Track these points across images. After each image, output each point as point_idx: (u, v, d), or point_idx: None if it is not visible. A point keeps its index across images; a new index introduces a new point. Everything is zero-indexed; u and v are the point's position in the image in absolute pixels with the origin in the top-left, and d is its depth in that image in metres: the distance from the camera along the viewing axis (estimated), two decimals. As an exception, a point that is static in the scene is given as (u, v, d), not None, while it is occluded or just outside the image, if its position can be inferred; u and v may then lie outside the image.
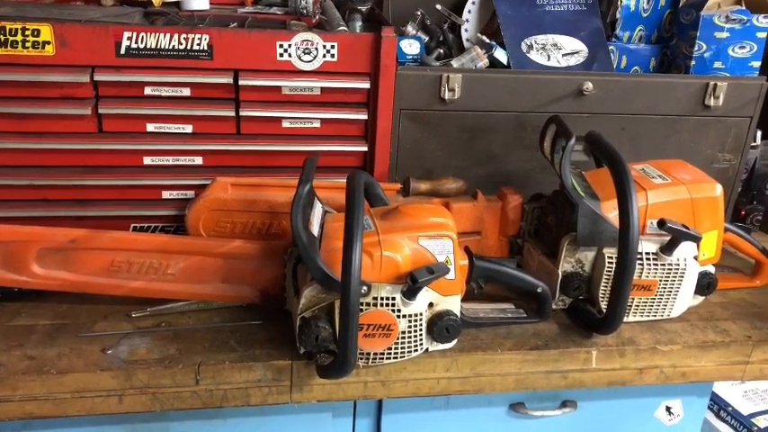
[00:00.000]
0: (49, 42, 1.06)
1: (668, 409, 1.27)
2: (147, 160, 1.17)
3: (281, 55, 1.13)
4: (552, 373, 1.09)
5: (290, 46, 1.12)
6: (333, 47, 1.13)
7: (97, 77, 1.10)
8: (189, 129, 1.17)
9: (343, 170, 1.23)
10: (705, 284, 1.15)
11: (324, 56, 1.14)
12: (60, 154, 1.14)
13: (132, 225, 1.21)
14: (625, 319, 1.13)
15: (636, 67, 1.49)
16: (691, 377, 1.13)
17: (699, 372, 1.13)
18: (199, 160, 1.19)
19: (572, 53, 1.43)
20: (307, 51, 1.13)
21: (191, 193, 1.20)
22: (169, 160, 1.18)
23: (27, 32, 1.05)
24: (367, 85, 1.17)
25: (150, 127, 1.15)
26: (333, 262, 0.94)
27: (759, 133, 1.59)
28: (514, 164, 1.41)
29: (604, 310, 1.10)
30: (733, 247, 1.23)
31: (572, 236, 1.10)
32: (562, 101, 1.36)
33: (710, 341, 1.12)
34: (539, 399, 1.20)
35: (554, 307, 1.15)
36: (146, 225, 1.21)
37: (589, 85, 1.34)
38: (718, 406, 1.44)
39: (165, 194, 1.20)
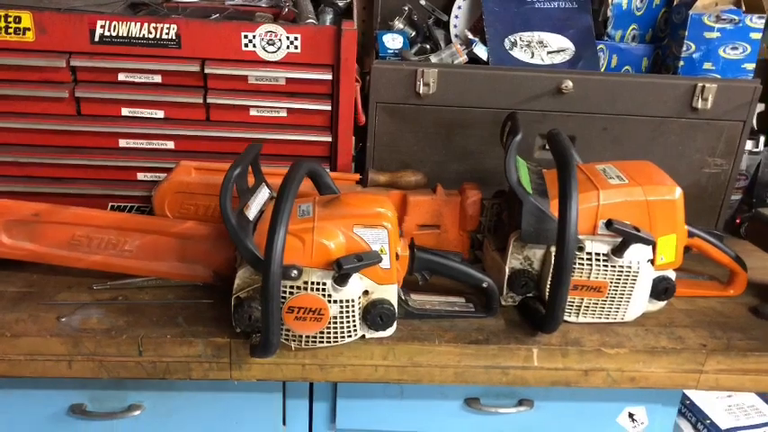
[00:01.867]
0: (29, 29, 1.14)
1: (631, 415, 1.24)
2: (122, 143, 1.24)
3: (246, 45, 1.17)
4: (492, 368, 1.09)
5: (254, 37, 1.16)
6: (296, 38, 1.17)
7: (74, 63, 1.17)
8: (161, 114, 1.22)
9: (309, 160, 1.26)
10: (662, 289, 1.12)
11: (287, 47, 1.17)
12: (41, 134, 1.22)
13: (110, 204, 1.28)
14: (575, 320, 1.13)
15: (627, 67, 1.46)
16: (640, 382, 1.10)
17: (649, 378, 1.10)
18: (171, 144, 1.24)
19: (558, 51, 1.41)
20: (271, 42, 1.16)
21: (163, 176, 1.25)
22: (143, 143, 1.24)
23: (9, 19, 1.13)
24: (329, 77, 1.20)
25: (125, 111, 1.22)
26: (264, 244, 0.97)
27: (762, 139, 1.52)
28: (492, 161, 1.40)
29: (553, 310, 1.10)
30: (702, 253, 1.19)
31: (519, 232, 1.09)
32: (540, 99, 1.35)
33: (661, 347, 1.09)
34: (494, 395, 1.20)
35: (504, 303, 1.14)
36: (123, 204, 1.28)
37: (568, 84, 1.32)
38: (696, 418, 1.40)
39: (140, 176, 1.26)
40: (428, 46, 1.45)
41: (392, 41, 1.40)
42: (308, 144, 1.26)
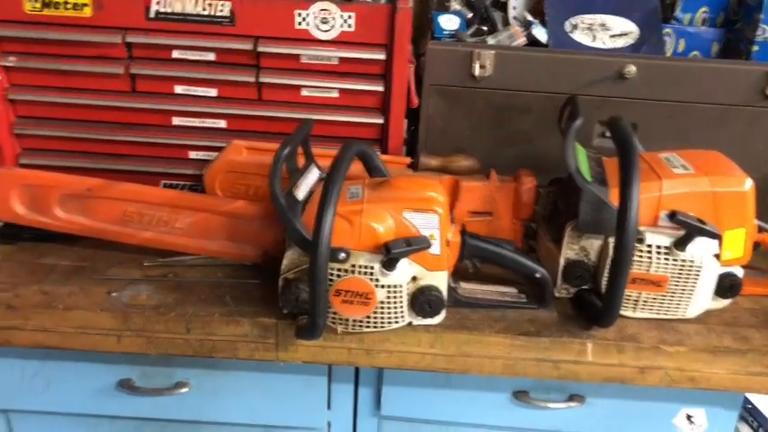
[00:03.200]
0: (86, 4, 1.14)
1: (689, 417, 1.18)
2: (175, 120, 1.24)
3: (300, 23, 1.15)
4: (543, 361, 1.05)
5: (308, 15, 1.14)
6: (350, 17, 1.14)
7: (129, 39, 1.17)
8: (214, 92, 1.22)
9: (359, 142, 1.24)
10: (727, 286, 1.06)
11: (341, 26, 1.15)
12: (97, 110, 1.23)
13: (162, 182, 1.28)
14: (632, 315, 1.08)
15: (695, 52, 1.39)
16: (700, 383, 1.05)
17: (710, 378, 1.05)
18: (222, 123, 1.24)
19: (621, 35, 1.35)
20: (324, 21, 1.14)
21: (215, 154, 1.25)
22: (195, 122, 1.24)
23: (68, -5, 1.14)
24: (383, 57, 1.17)
25: (178, 89, 1.22)
26: (312, 225, 0.95)
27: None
28: (547, 146, 1.35)
29: (609, 303, 1.05)
30: (771, 249, 1.13)
31: (576, 222, 1.05)
32: (601, 84, 1.29)
33: (724, 347, 1.04)
34: (544, 389, 1.16)
35: (557, 295, 1.10)
36: (175, 183, 1.28)
37: (631, 69, 1.26)
38: (758, 423, 1.33)
39: (192, 154, 1.26)
40: (485, 27, 1.41)
41: (448, 22, 1.36)
42: (359, 126, 1.24)
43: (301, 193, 1.00)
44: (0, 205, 1.11)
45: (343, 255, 0.95)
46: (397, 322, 1.01)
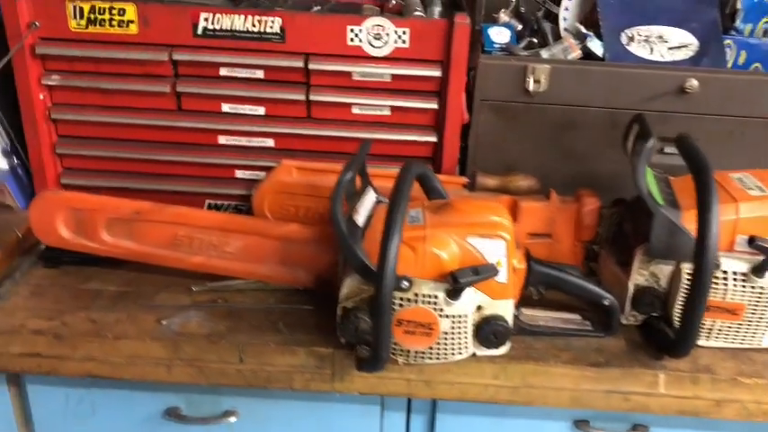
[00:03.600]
0: (132, 21, 1.11)
1: (761, 450, 1.13)
2: (221, 139, 1.20)
3: (352, 40, 1.11)
4: (613, 393, 1.00)
5: (360, 31, 1.10)
6: (404, 32, 1.10)
7: (176, 57, 1.14)
8: (261, 111, 1.18)
9: (416, 162, 1.20)
10: (806, 314, 1.01)
11: (395, 41, 1.11)
12: (141, 129, 1.20)
13: (207, 202, 1.25)
14: (704, 344, 1.03)
15: (756, 64, 1.33)
16: (779, 417, 1.00)
17: (789, 412, 0.99)
18: (270, 142, 1.20)
19: (679, 47, 1.30)
20: (377, 37, 1.10)
21: (262, 174, 1.22)
22: (242, 141, 1.20)
23: (114, 11, 1.10)
24: (438, 74, 1.13)
25: (225, 107, 1.18)
26: (374, 253, 0.91)
27: None
28: (603, 164, 1.31)
29: (680, 331, 1.00)
30: None
31: (646, 247, 1.00)
32: (661, 98, 1.24)
33: (805, 379, 0.98)
34: (605, 418, 1.11)
35: (624, 322, 1.05)
36: (220, 203, 1.25)
37: (693, 83, 1.21)
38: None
39: (239, 174, 1.23)
40: (535, 40, 1.36)
41: (498, 35, 1.32)
42: (411, 144, 1.19)
43: (361, 217, 0.96)
44: (45, 229, 1.08)
45: (405, 283, 0.91)
46: (460, 353, 0.97)
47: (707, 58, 1.28)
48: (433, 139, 1.18)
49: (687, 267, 0.98)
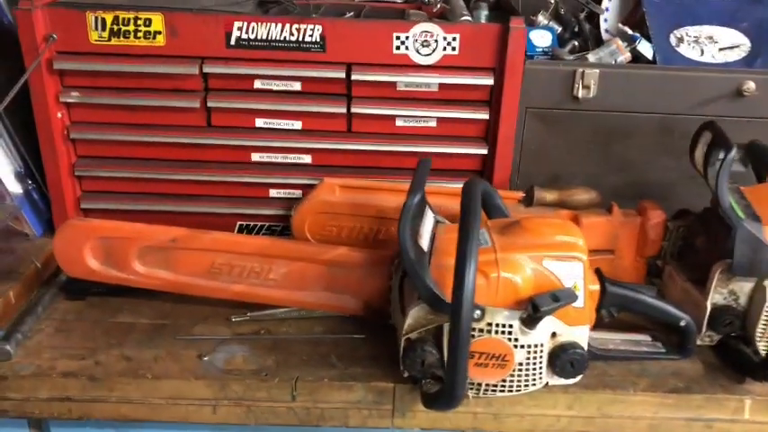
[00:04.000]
0: (159, 32, 1.03)
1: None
2: (255, 157, 1.12)
3: (398, 48, 1.03)
4: (694, 421, 0.93)
5: (407, 38, 1.03)
6: (454, 39, 1.03)
7: (207, 69, 1.06)
8: (298, 125, 1.10)
9: (459, 174, 1.13)
10: None
11: (444, 48, 1.03)
12: (168, 147, 1.12)
13: (238, 223, 1.17)
14: (789, 365, 0.96)
15: (811, 64, 1.28)
16: None
17: None
18: (307, 158, 1.12)
19: (731, 47, 1.24)
20: (425, 44, 1.03)
21: (298, 193, 1.14)
22: (277, 158, 1.12)
23: (139, 22, 1.02)
24: (490, 82, 1.06)
25: (259, 122, 1.10)
26: (443, 281, 0.84)
27: None
28: (655, 173, 1.24)
29: (761, 352, 0.94)
30: None
31: (726, 263, 0.93)
32: (717, 103, 1.18)
33: None
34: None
35: (699, 343, 0.99)
36: (252, 224, 1.17)
37: (750, 85, 1.15)
38: None
39: (273, 193, 1.15)
40: (576, 42, 1.29)
41: (540, 38, 1.25)
42: (458, 157, 1.12)
43: (425, 242, 0.88)
44: (71, 260, 0.99)
45: (478, 313, 0.83)
46: (534, 384, 0.89)
47: (761, 58, 1.23)
48: (483, 151, 1.11)
49: (777, 285, 0.92)
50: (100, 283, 1.03)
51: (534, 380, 0.89)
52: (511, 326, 0.85)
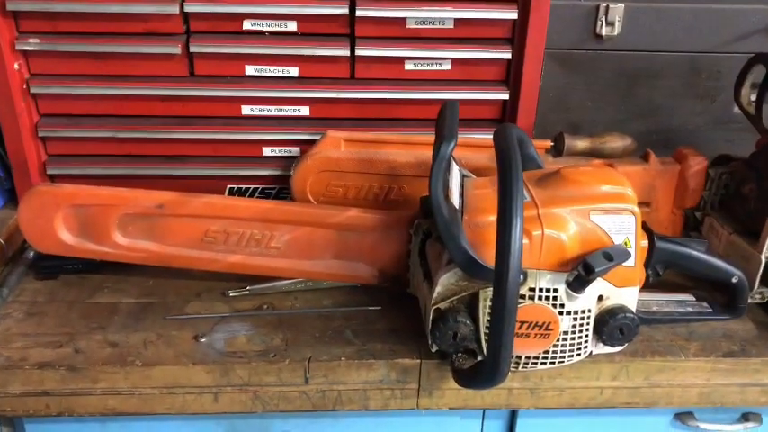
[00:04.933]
0: (131, -36, 0.88)
1: None
2: (245, 110, 0.99)
3: (409, -22, 0.91)
4: (750, 386, 0.85)
5: (419, -34, 0.90)
6: (473, -33, 0.91)
7: (188, 8, 0.92)
8: (294, 72, 0.97)
9: (476, 124, 1.02)
10: None
11: (461, -21, 0.91)
12: (146, 101, 0.98)
13: (228, 186, 1.04)
14: None
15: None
16: None
17: None
18: (305, 110, 1.00)
19: (762, -22, 1.14)
20: (440, -27, 0.90)
21: (295, 150, 1.02)
22: (271, 110, 1.00)
23: (107, -47, 0.87)
24: (514, 16, 0.93)
25: (249, 69, 0.97)
26: (479, 242, 0.73)
27: None
28: (681, 117, 1.15)
29: (819, 307, 0.86)
30: None
31: (783, 212, 0.84)
32: (751, 38, 1.09)
33: None
34: (712, 409, 0.96)
35: (749, 301, 0.90)
36: (244, 186, 1.04)
37: (789, 17, 1.06)
38: None
39: (266, 151, 1.02)
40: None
41: (555, -28, 1.13)
42: (476, 104, 1.00)
43: (455, 198, 0.77)
44: (40, 234, 0.86)
45: (520, 277, 0.73)
46: (578, 354, 0.80)
47: (796, -11, 1.12)
48: (505, 96, 0.99)
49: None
50: (74, 259, 0.90)
51: (579, 349, 0.79)
52: (556, 290, 0.75)
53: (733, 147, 1.12)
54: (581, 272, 0.72)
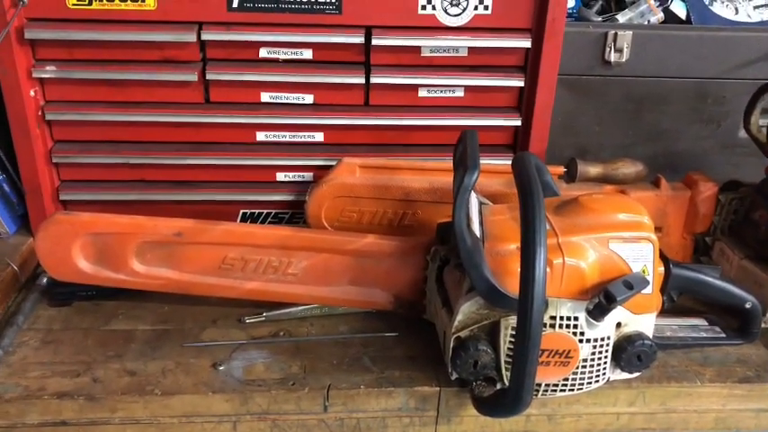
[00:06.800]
0: (149, -6, 0.89)
1: None
2: (260, 136, 1.00)
3: (424, 7, 0.92)
4: (765, 411, 0.86)
5: (435, -4, 0.91)
6: (487, -3, 0.92)
7: (205, 36, 0.92)
8: (309, 99, 0.98)
9: (489, 149, 1.03)
10: None
11: (475, 8, 0.92)
12: (161, 127, 0.98)
13: (241, 211, 1.04)
14: None
15: (844, 22, 1.21)
16: None
17: None
18: (319, 136, 1.00)
19: (766, 5, 1.16)
20: (455, 3, 0.91)
21: (309, 176, 1.02)
22: (286, 136, 1.00)
23: (125, -18, 0.88)
24: (527, 44, 0.95)
25: (265, 96, 0.97)
26: (501, 270, 0.73)
27: None
28: (688, 142, 1.17)
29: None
30: None
31: (797, 238, 0.85)
32: (756, 65, 1.10)
33: None
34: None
35: (763, 325, 0.91)
36: (257, 211, 1.04)
37: (792, 45, 1.08)
38: None
39: (280, 176, 1.02)
40: (601, 2, 1.20)
41: (563, -1, 1.14)
42: (489, 130, 1.01)
43: (475, 226, 0.77)
44: (58, 262, 0.86)
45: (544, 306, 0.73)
46: (597, 381, 0.80)
47: (798, 16, 1.15)
48: (517, 122, 1.00)
49: None
50: (87, 285, 0.90)
51: (598, 376, 0.80)
52: (576, 318, 0.75)
53: (738, 170, 1.14)
54: (602, 300, 0.73)
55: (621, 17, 1.12)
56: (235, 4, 0.90)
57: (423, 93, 0.99)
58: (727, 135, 1.15)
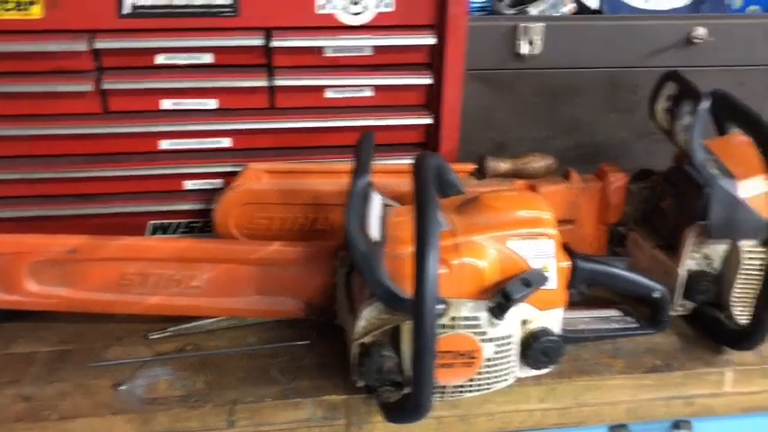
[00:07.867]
0: (34, 2, 0.85)
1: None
2: (163, 144, 0.97)
3: (323, 6, 0.90)
4: (674, 399, 0.87)
5: (332, -5, 0.89)
6: (387, -6, 0.90)
7: (97, 44, 0.89)
8: (213, 104, 0.95)
9: (401, 149, 1.02)
10: None
11: (377, 6, 0.90)
12: (58, 140, 0.94)
13: (150, 223, 1.01)
14: (765, 329, 0.90)
15: (753, 7, 1.22)
16: None
17: None
18: (226, 142, 0.98)
19: (675, -8, 1.17)
20: (354, 1, 0.89)
21: (218, 182, 0.99)
22: (191, 143, 0.97)
23: (8, -10, 0.84)
24: (432, 41, 0.93)
25: (165, 104, 0.94)
26: (399, 273, 0.72)
27: None
28: (604, 132, 1.17)
29: (737, 318, 0.87)
30: None
31: (700, 226, 0.86)
32: (666, 52, 1.11)
33: None
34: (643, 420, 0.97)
35: (672, 313, 0.91)
36: (167, 222, 1.01)
37: (701, 32, 1.08)
38: None
39: (188, 185, 0.99)
40: (514, -6, 1.19)
41: (475, -7, 1.14)
42: (400, 129, 1.00)
43: (374, 230, 0.76)
44: (-55, 285, 0.82)
45: (440, 307, 0.72)
46: (505, 380, 0.79)
47: (706, 2, 1.16)
48: (428, 120, 0.99)
49: (747, 245, 0.85)
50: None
51: (506, 375, 0.79)
52: (477, 318, 0.74)
53: (654, 158, 1.14)
54: (500, 299, 0.72)
55: (533, 9, 1.12)
56: (126, 11, 0.87)
57: (330, 94, 0.97)
58: (642, 124, 1.14)
